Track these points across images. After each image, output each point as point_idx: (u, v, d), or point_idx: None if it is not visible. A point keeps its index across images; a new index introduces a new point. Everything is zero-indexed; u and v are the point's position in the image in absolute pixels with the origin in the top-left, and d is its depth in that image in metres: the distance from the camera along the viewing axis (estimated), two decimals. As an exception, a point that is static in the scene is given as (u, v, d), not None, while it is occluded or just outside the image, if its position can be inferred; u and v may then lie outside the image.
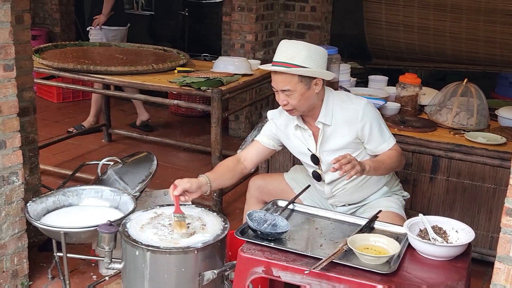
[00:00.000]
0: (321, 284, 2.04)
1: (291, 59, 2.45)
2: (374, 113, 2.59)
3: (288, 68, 2.44)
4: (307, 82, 2.48)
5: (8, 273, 2.90)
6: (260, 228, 2.23)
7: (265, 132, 2.78)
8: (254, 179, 2.97)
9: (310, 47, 2.50)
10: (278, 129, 2.73)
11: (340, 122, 2.57)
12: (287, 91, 2.49)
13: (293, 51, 2.46)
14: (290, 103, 2.51)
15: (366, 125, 2.55)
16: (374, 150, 2.61)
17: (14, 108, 2.79)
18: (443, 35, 6.26)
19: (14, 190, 2.84)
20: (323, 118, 2.58)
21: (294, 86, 2.47)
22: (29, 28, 3.20)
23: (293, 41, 2.54)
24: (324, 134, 2.60)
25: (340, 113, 2.57)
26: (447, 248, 2.13)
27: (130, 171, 3.22)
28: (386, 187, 2.75)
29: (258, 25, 5.42)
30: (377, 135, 2.58)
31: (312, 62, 2.46)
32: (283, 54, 2.48)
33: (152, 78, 4.00)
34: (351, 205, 2.77)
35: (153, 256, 2.29)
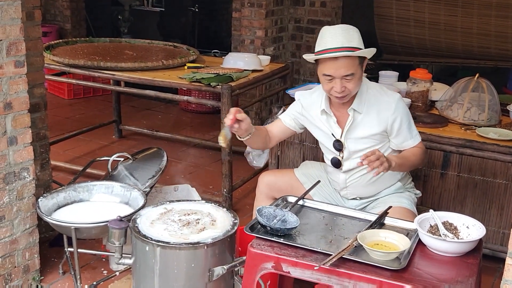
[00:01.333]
0: (330, 280, 2.04)
1: (350, 42, 2.43)
2: (405, 108, 2.61)
3: (352, 52, 2.43)
4: (362, 64, 2.52)
5: (19, 268, 2.92)
6: (269, 224, 2.22)
7: (289, 112, 2.80)
8: (264, 176, 2.97)
9: (356, 29, 2.50)
10: (304, 110, 2.73)
11: (371, 111, 2.58)
12: (349, 76, 2.46)
13: (347, 35, 2.45)
14: (348, 87, 2.49)
15: (397, 119, 2.56)
16: (400, 145, 2.63)
17: (25, 104, 2.81)
18: (454, 30, 6.21)
19: (25, 185, 2.86)
20: (357, 105, 2.58)
21: (356, 69, 2.47)
22: (40, 24, 3.22)
23: (339, 26, 2.52)
24: (354, 122, 2.60)
25: (373, 103, 2.58)
26: (458, 244, 2.11)
27: (140, 167, 3.24)
28: (400, 183, 2.74)
29: (268, 21, 5.41)
30: (405, 130, 2.60)
31: (362, 43, 2.49)
32: (338, 39, 2.43)
33: (162, 74, 4.00)
34: (362, 199, 2.76)
35: (163, 252, 2.31)
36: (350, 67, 2.45)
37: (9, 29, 2.64)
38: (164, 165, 3.23)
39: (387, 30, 6.59)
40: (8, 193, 2.77)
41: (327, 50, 2.45)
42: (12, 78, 2.71)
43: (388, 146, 2.66)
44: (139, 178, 3.15)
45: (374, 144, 2.62)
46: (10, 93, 2.71)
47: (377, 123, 2.58)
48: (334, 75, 2.48)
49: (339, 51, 2.42)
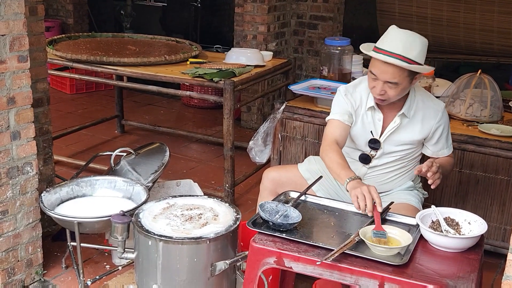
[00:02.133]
0: (332, 275, 2.05)
1: (407, 53, 2.39)
2: (447, 118, 2.66)
3: (406, 63, 2.38)
4: (412, 77, 2.47)
5: (22, 262, 2.94)
6: (272, 219, 2.23)
7: (341, 109, 2.64)
8: (268, 172, 2.97)
9: (423, 41, 2.45)
10: (351, 103, 2.64)
11: (417, 117, 2.59)
12: (392, 84, 2.44)
13: (410, 44, 2.40)
14: (389, 94, 2.47)
15: (440, 128, 2.60)
16: (436, 152, 2.66)
17: (28, 99, 2.81)
18: (457, 26, 6.20)
19: (29, 180, 2.87)
20: (406, 110, 2.58)
21: (402, 80, 2.43)
22: (43, 19, 3.23)
23: (406, 32, 2.45)
24: (400, 124, 2.59)
25: (421, 108, 2.59)
26: (460, 240, 2.12)
27: (143, 162, 3.24)
28: (411, 182, 2.77)
29: (271, 16, 5.41)
30: (444, 139, 2.65)
31: (422, 57, 2.44)
32: (398, 45, 2.40)
33: (165, 69, 4.01)
34: None
35: (165, 246, 2.32)
36: (396, 75, 2.41)
37: (12, 24, 2.64)
38: (166, 160, 3.24)
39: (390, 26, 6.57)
40: (12, 187, 2.78)
41: (382, 51, 2.43)
42: (15, 73, 2.72)
43: (420, 151, 2.70)
44: (141, 173, 3.16)
45: (410, 148, 2.65)
46: (13, 88, 2.72)
47: (421, 129, 2.60)
48: (378, 76, 2.45)
49: (391, 56, 2.39)
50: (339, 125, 2.63)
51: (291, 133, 3.64)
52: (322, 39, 4.95)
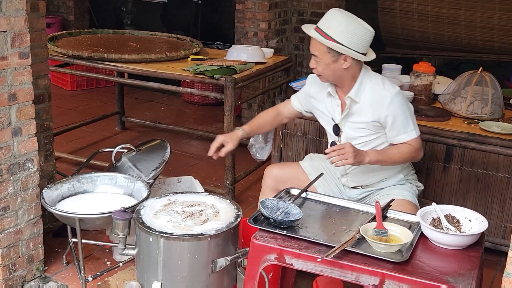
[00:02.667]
0: (333, 272, 2.05)
1: (327, 29, 2.53)
2: (403, 103, 2.61)
3: (320, 36, 2.53)
4: (335, 55, 2.54)
5: (23, 258, 2.94)
6: (273, 216, 2.24)
7: (299, 94, 2.93)
8: (270, 169, 2.98)
9: (350, 23, 2.53)
10: (311, 92, 2.82)
11: (367, 102, 2.62)
12: (315, 57, 2.59)
13: (333, 22, 2.53)
14: (317, 68, 2.61)
15: (390, 114, 2.58)
16: (392, 138, 2.64)
17: (30, 95, 2.82)
18: (458, 23, 6.19)
19: (30, 176, 2.88)
20: (354, 94, 2.63)
21: (322, 55, 2.56)
22: (44, 16, 3.23)
23: (338, 12, 2.59)
24: (350, 109, 2.66)
25: (370, 94, 2.61)
26: (460, 237, 2.13)
27: (144, 159, 3.25)
28: (402, 175, 2.76)
29: (272, 13, 5.40)
30: (399, 125, 2.60)
31: (345, 38, 2.51)
32: (324, 22, 2.56)
33: (166, 66, 4.01)
34: (364, 188, 2.78)
35: (166, 243, 2.32)
36: (316, 49, 2.57)
37: (14, 21, 2.64)
38: (167, 156, 3.24)
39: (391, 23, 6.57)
40: (13, 183, 2.79)
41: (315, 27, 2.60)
42: (16, 70, 2.72)
43: (382, 136, 2.69)
44: (142, 170, 3.16)
45: (370, 134, 2.66)
46: (14, 84, 2.72)
47: (371, 114, 2.62)
48: (310, 49, 2.64)
49: (316, 30, 2.57)
50: (287, 104, 2.99)
51: (292, 130, 3.64)
52: (323, 36, 4.94)
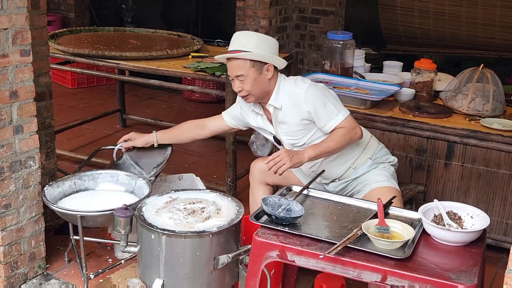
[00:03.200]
0: (335, 269, 2.05)
1: (243, 46, 2.59)
2: (316, 94, 2.64)
3: (242, 53, 2.58)
4: (259, 68, 2.62)
5: (25, 256, 2.95)
6: (275, 213, 2.24)
7: (231, 111, 2.99)
8: (256, 162, 3.04)
9: (260, 36, 2.66)
10: (243, 112, 2.89)
11: (288, 106, 2.67)
12: (240, 77, 2.62)
13: (244, 39, 2.62)
14: (245, 88, 2.64)
15: (310, 108, 2.62)
16: (323, 128, 2.67)
17: (31, 93, 2.82)
18: (459, 20, 6.19)
19: (31, 174, 2.88)
20: (273, 101, 2.69)
21: (247, 71, 2.61)
22: (45, 13, 3.22)
23: (243, 32, 2.74)
24: (277, 118, 2.71)
25: (287, 98, 2.68)
26: (462, 234, 2.13)
27: (145, 156, 3.24)
28: (370, 159, 2.78)
29: (272, 11, 5.40)
30: (323, 114, 2.63)
31: (262, 49, 2.60)
32: (236, 43, 2.63)
33: (166, 63, 4.01)
34: (340, 180, 2.82)
35: (168, 240, 2.32)
36: (240, 68, 2.61)
37: (15, 18, 2.64)
38: (169, 154, 3.24)
39: (392, 20, 6.57)
40: (14, 181, 2.79)
41: (227, 52, 2.65)
42: (18, 67, 2.72)
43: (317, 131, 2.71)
44: (144, 167, 3.16)
45: (307, 133, 2.70)
46: (16, 82, 2.72)
47: (296, 115, 2.66)
48: (230, 74, 2.68)
49: (230, 52, 2.62)
50: (219, 119, 3.06)
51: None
52: (324, 33, 4.95)
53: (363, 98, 3.49)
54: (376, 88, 3.66)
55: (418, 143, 3.36)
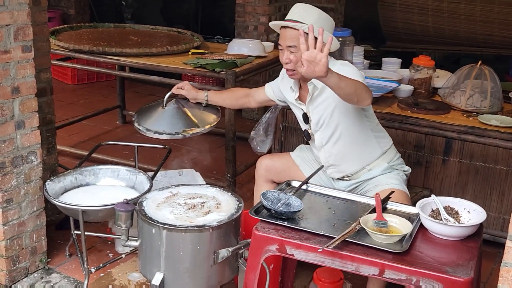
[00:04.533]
0: (334, 262, 2.08)
1: (302, 18, 2.57)
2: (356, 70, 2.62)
3: (299, 24, 2.54)
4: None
5: (27, 250, 2.97)
6: (274, 207, 2.26)
7: (272, 83, 3.00)
8: (262, 159, 3.04)
9: (321, 13, 2.63)
10: (282, 85, 2.90)
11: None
12: (292, 48, 2.58)
13: (305, 12, 2.59)
14: (292, 60, 2.59)
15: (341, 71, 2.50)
16: None
17: (32, 88, 2.84)
18: (458, 17, 6.21)
19: (33, 169, 2.90)
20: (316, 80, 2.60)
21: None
22: (46, 9, 3.24)
23: (305, 4, 2.66)
24: (313, 95, 2.69)
25: None
26: (459, 228, 2.15)
27: (198, 109, 3.14)
28: (386, 163, 2.77)
29: (272, 7, 5.41)
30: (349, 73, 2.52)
31: (320, 25, 2.52)
32: (295, 14, 2.60)
33: (167, 60, 4.02)
34: (351, 179, 2.80)
35: (169, 234, 2.35)
36: (294, 39, 2.56)
37: (17, 14, 2.67)
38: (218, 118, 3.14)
39: (391, 17, 6.59)
40: (16, 176, 2.81)
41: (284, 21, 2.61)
42: (19, 63, 2.74)
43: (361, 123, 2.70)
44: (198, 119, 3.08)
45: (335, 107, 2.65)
46: (17, 78, 2.74)
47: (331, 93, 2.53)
48: (282, 44, 2.64)
49: (288, 21, 2.59)
50: (262, 91, 3.05)
51: (292, 123, 3.66)
52: (323, 30, 4.96)
53: (362, 94, 3.51)
54: (374, 85, 3.67)
55: (417, 139, 3.38)
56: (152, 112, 3.16)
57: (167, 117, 3.07)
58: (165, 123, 3.04)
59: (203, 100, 3.09)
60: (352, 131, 2.71)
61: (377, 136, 2.77)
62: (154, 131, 3.03)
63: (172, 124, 3.03)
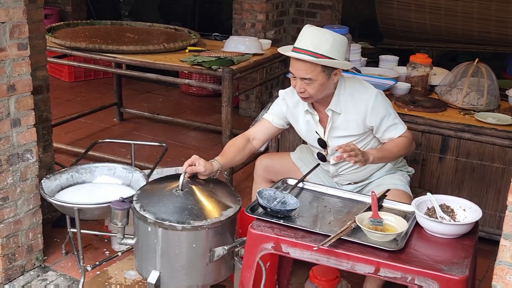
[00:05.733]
0: (329, 261, 2.08)
1: (316, 48, 2.41)
2: (384, 103, 2.59)
3: (314, 57, 2.41)
4: (329, 72, 2.47)
5: (23, 248, 2.97)
6: (270, 206, 2.26)
7: (274, 110, 2.78)
8: (261, 159, 3.01)
9: (335, 36, 2.46)
10: (288, 109, 2.74)
11: (350, 111, 2.58)
12: (307, 80, 2.46)
13: (319, 39, 2.42)
14: (308, 91, 2.49)
15: (376, 117, 2.56)
16: (382, 137, 2.64)
17: (28, 86, 2.83)
18: (455, 15, 6.21)
19: (29, 167, 2.90)
20: (334, 106, 2.58)
21: (316, 76, 2.45)
22: (42, 7, 3.24)
23: (318, 29, 2.50)
24: (334, 122, 2.62)
25: (351, 102, 2.57)
26: (454, 227, 2.15)
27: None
28: (390, 164, 2.78)
29: (269, 5, 5.40)
30: (386, 124, 2.59)
31: (336, 52, 2.44)
32: (307, 41, 2.43)
33: (163, 57, 4.02)
34: (356, 183, 2.80)
35: (164, 232, 2.34)
36: (308, 71, 2.44)
37: (12, 12, 2.66)
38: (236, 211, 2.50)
39: (388, 14, 6.58)
40: (12, 174, 2.81)
41: (294, 49, 2.47)
42: (15, 61, 2.73)
43: (371, 138, 2.68)
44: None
45: (357, 139, 2.63)
46: (13, 75, 2.74)
47: (356, 122, 2.59)
48: (295, 74, 2.49)
49: (301, 52, 2.43)
50: (265, 124, 2.78)
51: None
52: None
53: (358, 92, 3.51)
54: (372, 82, 3.64)
55: (413, 137, 3.37)
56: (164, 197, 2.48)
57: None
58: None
59: (218, 171, 2.61)
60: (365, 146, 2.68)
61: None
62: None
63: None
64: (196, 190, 2.46)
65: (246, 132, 2.80)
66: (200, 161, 2.50)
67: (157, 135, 5.14)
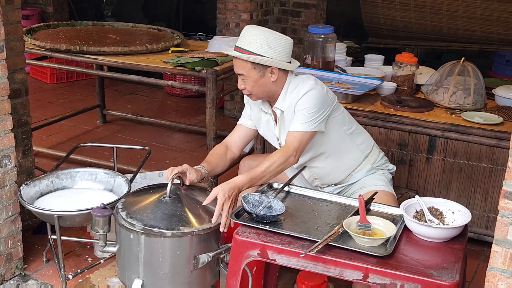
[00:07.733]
0: (316, 267, 2.03)
1: (247, 45, 2.48)
2: (311, 99, 2.50)
3: (241, 53, 2.48)
4: (261, 70, 2.51)
5: (2, 257, 2.89)
6: (255, 211, 2.21)
7: (245, 113, 2.83)
8: (244, 160, 2.99)
9: (268, 35, 2.49)
10: (251, 110, 2.77)
11: (290, 107, 2.58)
12: (242, 76, 2.54)
13: (251, 37, 2.49)
14: (246, 87, 2.57)
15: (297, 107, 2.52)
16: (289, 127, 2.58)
17: (5, 90, 2.76)
18: (440, 13, 6.20)
19: (7, 173, 2.82)
20: (280, 104, 2.60)
21: (248, 72, 2.51)
22: (20, 8, 3.16)
23: (254, 28, 2.55)
24: (282, 120, 2.63)
25: (290, 98, 2.58)
26: (444, 230, 2.11)
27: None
28: (369, 164, 2.73)
29: (253, 4, 5.35)
30: (299, 117, 2.51)
31: (268, 50, 2.47)
32: (242, 40, 2.52)
33: (146, 58, 3.95)
34: (337, 185, 2.76)
35: (147, 240, 2.28)
36: (241, 67, 2.52)
37: (-13, 14, 2.58)
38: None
39: (373, 13, 6.56)
40: (-11, 181, 2.73)
41: (234, 47, 2.54)
42: (-10, 64, 2.66)
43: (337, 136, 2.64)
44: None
45: None
46: (-11, 79, 2.66)
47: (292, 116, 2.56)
48: (235, 71, 2.59)
49: (236, 50, 2.52)
50: (239, 128, 2.82)
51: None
52: (305, 27, 4.91)
53: (344, 92, 3.47)
54: (357, 82, 3.64)
55: (400, 137, 3.35)
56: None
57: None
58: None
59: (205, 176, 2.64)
60: (330, 146, 2.65)
61: (357, 142, 2.71)
62: None
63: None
64: (183, 197, 2.45)
65: (225, 140, 2.82)
66: (191, 170, 2.55)
67: (141, 137, 5.06)
